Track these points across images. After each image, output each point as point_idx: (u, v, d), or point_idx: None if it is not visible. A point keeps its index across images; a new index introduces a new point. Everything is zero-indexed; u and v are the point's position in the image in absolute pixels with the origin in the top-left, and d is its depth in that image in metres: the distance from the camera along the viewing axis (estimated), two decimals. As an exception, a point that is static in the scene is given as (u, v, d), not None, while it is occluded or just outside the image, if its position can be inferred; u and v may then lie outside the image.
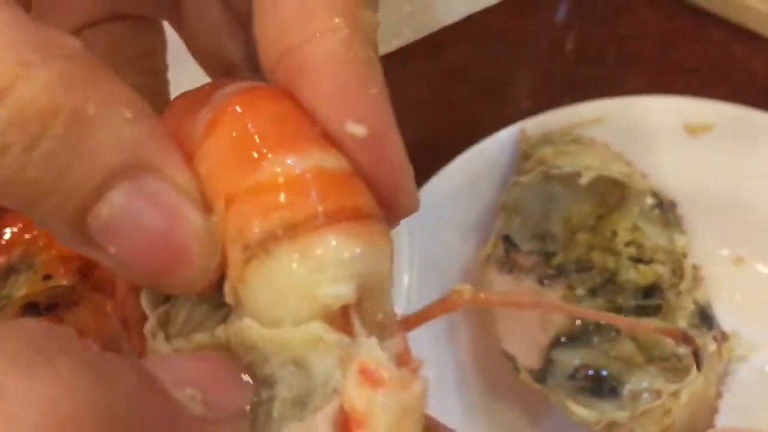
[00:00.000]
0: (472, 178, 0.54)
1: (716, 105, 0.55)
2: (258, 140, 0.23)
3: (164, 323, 0.24)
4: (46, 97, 0.21)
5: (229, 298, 0.23)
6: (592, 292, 0.53)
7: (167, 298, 0.25)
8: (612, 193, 0.53)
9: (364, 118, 0.23)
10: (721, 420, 0.50)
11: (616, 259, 0.52)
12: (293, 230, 0.22)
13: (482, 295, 0.28)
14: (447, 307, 0.26)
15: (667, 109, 0.55)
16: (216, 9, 0.31)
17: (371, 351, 0.22)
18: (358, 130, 0.23)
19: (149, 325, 0.24)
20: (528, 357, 0.50)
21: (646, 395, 0.48)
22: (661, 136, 0.55)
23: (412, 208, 0.25)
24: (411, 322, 0.25)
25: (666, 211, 0.53)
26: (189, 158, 0.23)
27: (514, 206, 0.52)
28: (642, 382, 0.49)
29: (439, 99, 0.63)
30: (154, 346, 0.24)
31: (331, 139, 0.23)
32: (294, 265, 0.22)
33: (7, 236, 0.48)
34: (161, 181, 0.22)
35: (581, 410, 0.47)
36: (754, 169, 0.55)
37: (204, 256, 0.22)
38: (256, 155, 0.23)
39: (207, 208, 0.23)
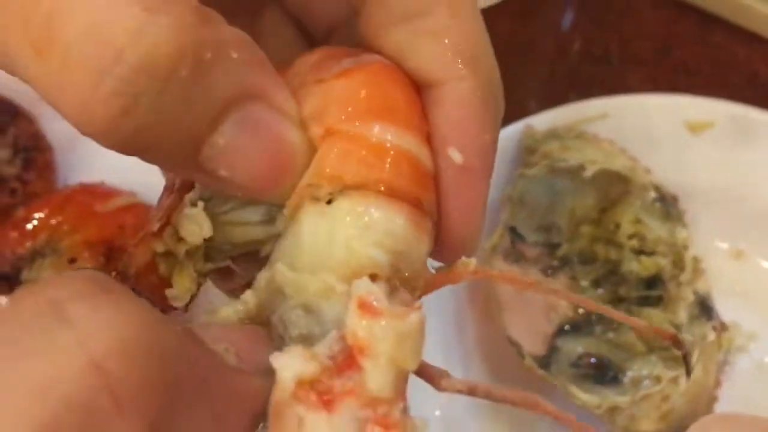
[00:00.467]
0: None
1: (717, 103, 0.57)
2: (382, 103, 0.25)
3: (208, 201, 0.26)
4: (172, 42, 0.22)
5: (287, 216, 0.25)
6: (596, 283, 0.54)
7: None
8: (615, 187, 0.54)
9: (466, 150, 0.25)
10: (720, 409, 0.52)
11: (618, 251, 0.54)
12: (360, 187, 0.24)
13: (487, 269, 0.30)
14: (452, 278, 0.27)
15: (669, 107, 0.57)
16: (291, 31, 0.32)
17: (368, 286, 0.24)
18: (457, 156, 0.25)
19: (192, 194, 0.26)
20: (532, 344, 0.52)
21: (646, 382, 0.50)
22: (663, 134, 0.57)
23: (469, 248, 0.26)
24: (423, 288, 0.26)
25: (668, 205, 0.55)
26: (311, 86, 0.26)
27: (520, 198, 0.54)
28: (643, 369, 0.51)
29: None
30: (186, 214, 0.26)
31: (430, 141, 0.26)
32: (348, 218, 0.24)
33: (33, 222, 0.50)
34: (267, 108, 0.24)
35: (584, 395, 0.48)
36: (754, 166, 0.56)
37: (303, 170, 0.25)
38: (372, 113, 0.25)
39: (304, 126, 0.25)
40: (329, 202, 0.24)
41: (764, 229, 0.56)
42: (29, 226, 0.49)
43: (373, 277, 0.24)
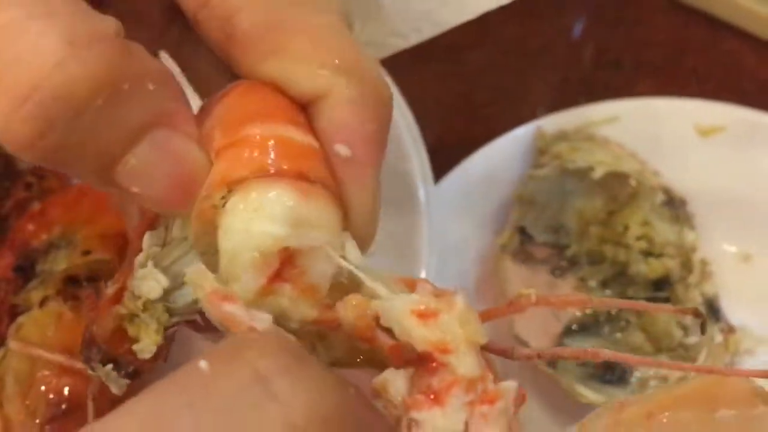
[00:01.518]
0: (490, 172, 0.56)
1: (727, 108, 0.57)
2: (251, 109, 0.28)
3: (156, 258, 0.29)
4: (90, 75, 0.24)
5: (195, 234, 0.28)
6: (604, 284, 0.55)
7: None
8: (623, 189, 0.55)
9: (351, 144, 0.28)
10: (727, 411, 0.52)
11: (626, 252, 0.54)
12: (243, 181, 0.26)
13: (546, 297, 0.30)
14: (514, 309, 0.30)
15: (679, 110, 0.58)
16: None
17: (410, 300, 0.26)
18: (343, 150, 0.28)
19: (141, 256, 0.28)
20: (540, 343, 0.52)
21: (653, 382, 0.50)
22: (673, 137, 0.57)
23: (363, 241, 0.28)
24: (481, 316, 0.28)
25: (676, 207, 0.55)
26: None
27: (530, 199, 0.55)
28: (650, 370, 0.51)
29: (458, 101, 0.65)
30: (139, 275, 0.28)
31: (307, 126, 0.28)
32: (240, 209, 0.26)
33: (48, 215, 0.51)
34: (175, 133, 0.27)
35: (590, 393, 0.49)
36: (763, 170, 0.57)
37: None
38: (242, 120, 0.28)
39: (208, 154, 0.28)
40: (224, 205, 0.27)
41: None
42: (44, 220, 0.50)
43: (284, 257, 0.26)
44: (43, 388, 0.44)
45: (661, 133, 0.58)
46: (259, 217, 0.26)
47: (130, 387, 0.30)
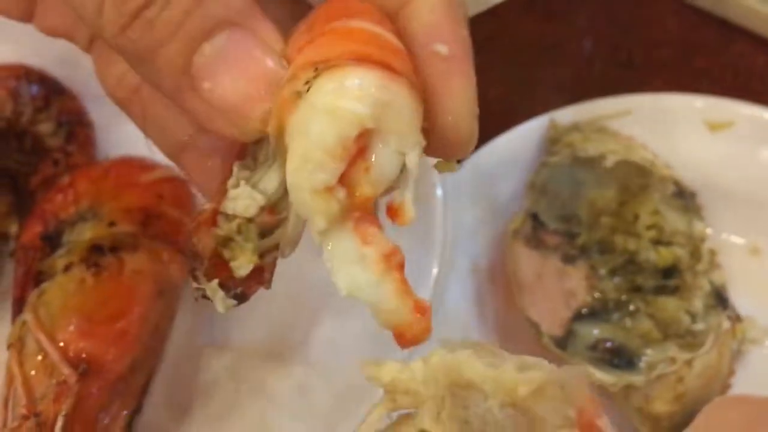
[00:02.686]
0: (504, 161, 0.58)
1: (736, 104, 0.59)
2: (342, 11, 0.29)
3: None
4: None
5: (272, 136, 0.28)
6: (613, 272, 0.56)
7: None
8: (635, 180, 0.56)
9: (450, 43, 0.28)
10: (733, 398, 0.53)
11: (637, 241, 0.55)
12: (330, 63, 0.27)
13: None
14: None
15: (690, 106, 0.59)
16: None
17: None
18: (442, 48, 0.28)
19: (232, 179, 0.29)
20: (550, 326, 0.53)
21: (662, 365, 0.51)
22: (684, 131, 0.59)
23: (466, 138, 0.28)
24: None
25: (686, 199, 0.56)
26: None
27: (542, 187, 0.56)
28: (658, 355, 0.52)
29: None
30: (232, 195, 0.29)
31: (395, 30, 0.28)
32: (326, 89, 0.26)
33: (77, 188, 0.52)
34: (252, 36, 0.28)
35: (599, 373, 0.50)
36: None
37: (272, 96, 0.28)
38: (333, 18, 0.28)
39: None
40: (308, 90, 0.27)
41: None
42: (73, 193, 0.52)
43: (362, 139, 0.26)
44: (61, 340, 0.45)
45: (672, 128, 0.59)
46: (347, 95, 0.26)
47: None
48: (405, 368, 0.28)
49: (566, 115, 0.59)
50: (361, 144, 0.26)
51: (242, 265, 0.29)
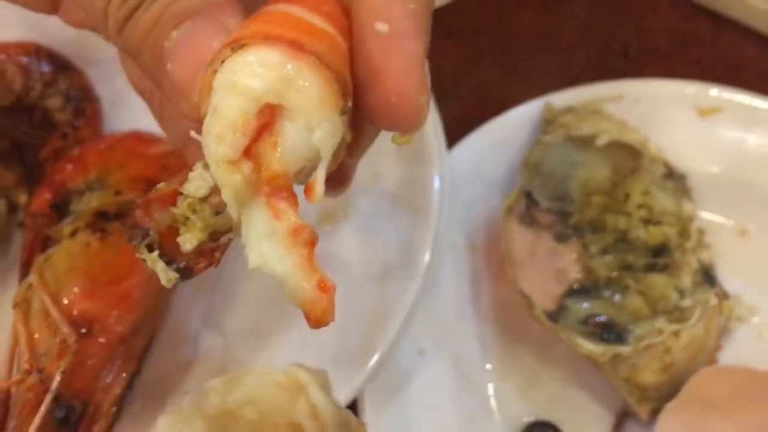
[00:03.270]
0: (500, 141, 0.59)
1: (725, 90, 0.60)
2: None
3: None
4: None
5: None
6: (604, 251, 0.57)
7: None
8: (627, 161, 0.58)
9: (392, 21, 0.29)
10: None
11: (627, 220, 0.57)
12: (242, 40, 0.28)
13: None
14: None
15: (681, 92, 0.61)
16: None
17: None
18: (382, 27, 0.29)
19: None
20: (543, 300, 0.54)
21: (649, 339, 0.52)
22: (675, 116, 0.60)
23: (412, 113, 0.29)
24: None
25: (676, 180, 0.58)
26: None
27: (536, 165, 0.57)
28: (647, 328, 0.53)
29: (472, 80, 0.69)
30: (189, 176, 0.30)
31: (337, 20, 0.30)
32: (235, 64, 0.28)
33: (86, 159, 0.54)
34: (213, 22, 0.31)
35: (588, 344, 0.51)
36: (759, 150, 0.59)
37: None
38: (270, 3, 0.30)
39: None
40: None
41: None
42: (82, 164, 0.54)
43: (264, 115, 0.28)
44: (65, 301, 0.46)
45: (663, 113, 0.60)
46: (246, 71, 0.28)
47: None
48: None
49: (561, 98, 0.60)
50: (267, 120, 0.28)
51: (188, 240, 0.30)
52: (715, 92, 0.61)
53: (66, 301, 0.47)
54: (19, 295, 0.48)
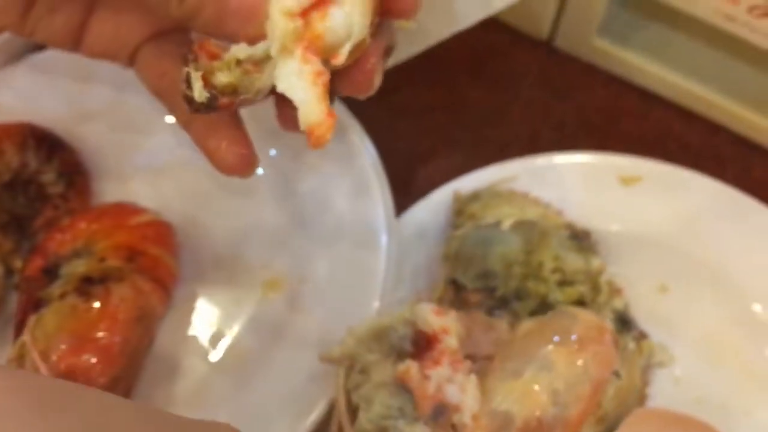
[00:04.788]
0: (419, 230, 0.66)
1: (646, 161, 0.68)
2: None
3: None
4: None
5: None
6: (532, 314, 0.62)
7: None
8: (533, 232, 0.64)
9: None
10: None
11: (545, 284, 0.62)
12: None
13: None
14: None
15: (602, 162, 0.68)
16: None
17: None
18: None
19: None
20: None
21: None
22: (599, 185, 0.67)
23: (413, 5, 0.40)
24: None
25: (580, 239, 0.64)
26: None
27: (455, 255, 0.63)
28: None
29: (424, 152, 0.76)
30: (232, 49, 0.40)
31: None
32: None
33: (75, 228, 0.61)
34: None
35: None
36: (677, 212, 0.67)
37: None
38: None
39: None
40: None
41: (686, 269, 0.66)
42: (72, 233, 0.61)
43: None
44: (54, 357, 0.53)
45: (589, 182, 0.68)
46: None
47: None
48: None
49: (470, 182, 0.67)
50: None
51: (223, 76, 0.39)
52: (637, 163, 0.68)
53: (54, 358, 0.53)
54: (14, 352, 0.54)
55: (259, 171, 0.61)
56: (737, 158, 0.75)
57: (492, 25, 0.76)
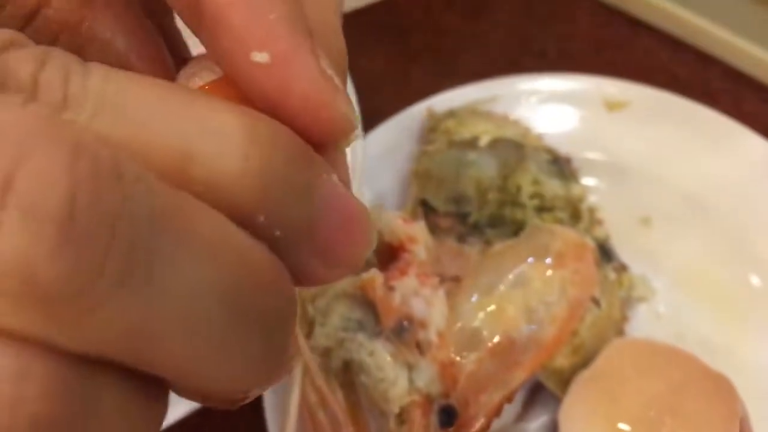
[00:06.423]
0: (385, 150, 0.61)
1: (633, 86, 0.64)
2: None
3: None
4: None
5: None
6: (506, 243, 0.58)
7: None
8: (512, 155, 0.60)
9: (265, 45, 0.22)
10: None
11: (523, 210, 0.58)
12: None
13: None
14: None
15: (588, 86, 0.64)
16: None
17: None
18: (261, 57, 0.22)
19: None
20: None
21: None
22: (583, 110, 0.63)
23: (341, 124, 0.23)
24: None
25: (561, 165, 0.60)
26: None
27: (426, 173, 0.59)
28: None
29: (398, 76, 0.72)
30: None
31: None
32: None
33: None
34: None
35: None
36: (665, 142, 0.63)
37: None
38: None
39: None
40: None
41: (671, 201, 0.62)
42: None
43: None
44: None
45: (570, 106, 0.63)
46: None
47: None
48: None
49: (444, 101, 0.62)
50: None
51: None
52: (623, 87, 0.64)
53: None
54: None
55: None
56: (728, 91, 0.71)
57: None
